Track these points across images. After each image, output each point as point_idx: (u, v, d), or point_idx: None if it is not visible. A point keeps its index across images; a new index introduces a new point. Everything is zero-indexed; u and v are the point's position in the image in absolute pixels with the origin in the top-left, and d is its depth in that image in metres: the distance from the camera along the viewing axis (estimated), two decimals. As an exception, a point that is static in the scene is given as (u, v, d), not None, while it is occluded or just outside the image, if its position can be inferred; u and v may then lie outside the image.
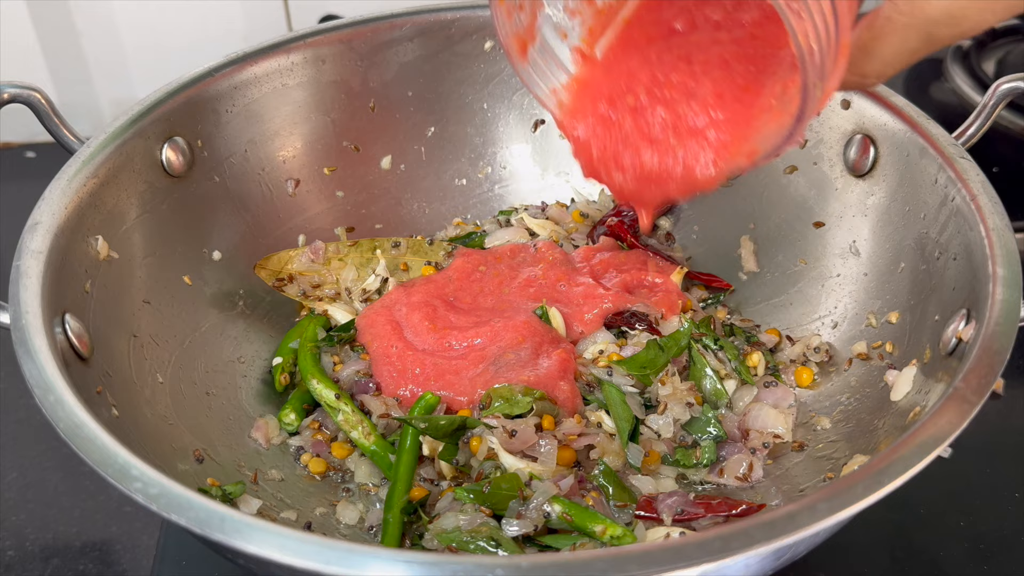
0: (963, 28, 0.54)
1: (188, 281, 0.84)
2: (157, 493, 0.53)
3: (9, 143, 1.29)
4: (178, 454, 0.72)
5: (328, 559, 0.49)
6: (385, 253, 0.94)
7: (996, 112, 0.80)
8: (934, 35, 0.55)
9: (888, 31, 0.56)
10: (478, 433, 0.75)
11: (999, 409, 0.71)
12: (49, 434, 0.58)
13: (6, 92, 0.77)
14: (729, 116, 0.65)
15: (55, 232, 0.70)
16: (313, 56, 0.91)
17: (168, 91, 0.84)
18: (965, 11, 0.53)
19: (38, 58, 1.23)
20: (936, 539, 0.79)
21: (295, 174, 0.94)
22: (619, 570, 0.48)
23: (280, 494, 0.75)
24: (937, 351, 0.71)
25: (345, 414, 0.79)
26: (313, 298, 0.91)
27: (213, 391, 0.81)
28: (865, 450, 0.72)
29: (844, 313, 0.85)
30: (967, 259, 0.70)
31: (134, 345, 0.76)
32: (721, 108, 0.65)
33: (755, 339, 0.86)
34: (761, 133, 0.64)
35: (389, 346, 0.82)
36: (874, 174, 0.84)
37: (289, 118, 0.92)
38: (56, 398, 0.59)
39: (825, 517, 0.51)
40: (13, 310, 0.64)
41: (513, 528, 0.68)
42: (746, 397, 0.82)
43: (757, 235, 0.92)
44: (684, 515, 0.70)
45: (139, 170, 0.81)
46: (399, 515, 0.71)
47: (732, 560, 0.49)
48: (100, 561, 0.80)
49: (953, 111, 1.18)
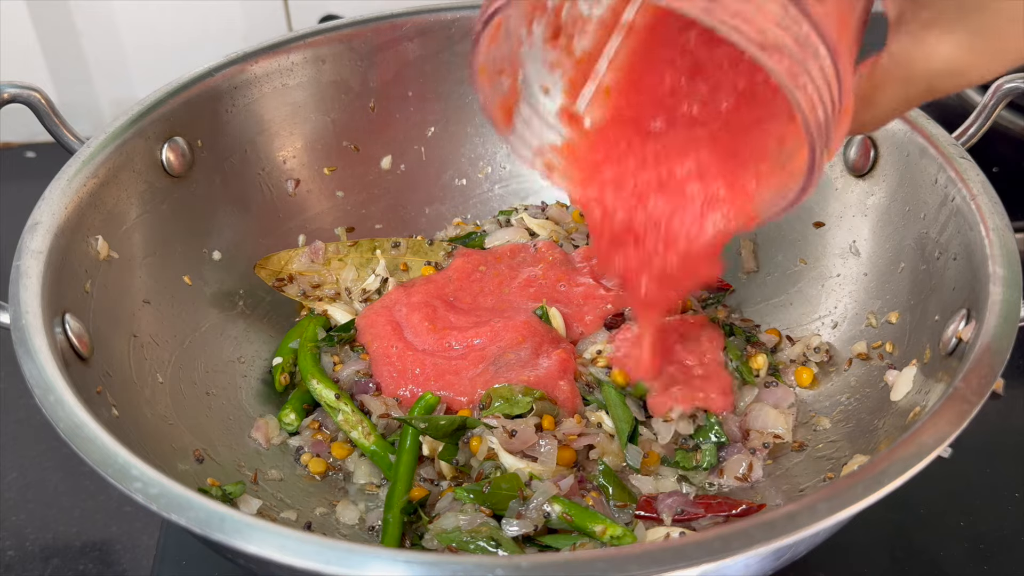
0: (966, 80, 0.52)
1: (188, 281, 0.84)
2: (157, 493, 0.53)
3: (9, 143, 1.29)
4: (178, 454, 0.72)
5: (328, 559, 0.49)
6: (385, 253, 0.94)
7: (996, 112, 0.80)
8: (935, 87, 0.53)
9: (889, 82, 0.54)
10: (478, 433, 0.75)
11: (999, 409, 0.70)
12: (49, 434, 0.58)
13: (6, 92, 0.77)
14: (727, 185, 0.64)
15: (55, 232, 0.70)
16: (313, 56, 0.91)
17: (168, 91, 0.84)
18: (969, 65, 0.51)
19: (38, 58, 1.23)
20: (936, 539, 0.79)
21: (295, 174, 0.94)
22: (619, 570, 0.48)
23: (280, 494, 0.75)
24: (937, 351, 0.71)
25: (345, 414, 0.79)
26: (313, 298, 0.91)
27: (213, 391, 0.81)
28: (865, 450, 0.72)
29: (844, 313, 0.85)
30: (967, 259, 0.70)
31: (134, 345, 0.76)
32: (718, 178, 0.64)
33: (755, 339, 0.86)
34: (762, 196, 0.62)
35: (389, 346, 0.82)
36: (874, 174, 0.84)
37: (289, 118, 0.92)
38: (56, 398, 0.59)
39: (825, 517, 0.51)
40: (13, 310, 0.64)
41: (513, 528, 0.68)
42: (747, 397, 0.82)
43: (757, 235, 0.92)
44: (684, 515, 0.70)
45: (139, 170, 0.81)
46: (399, 515, 0.71)
47: (732, 560, 0.49)
48: (100, 561, 0.80)
49: (953, 111, 1.17)
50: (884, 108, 0.56)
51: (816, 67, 0.50)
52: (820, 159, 0.53)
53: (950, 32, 0.50)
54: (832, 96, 0.52)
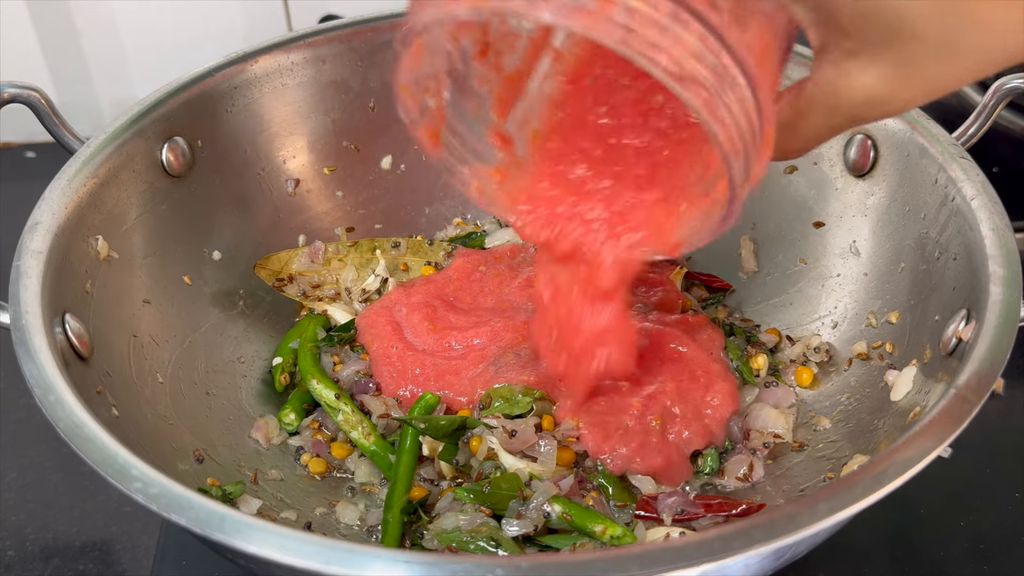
0: (889, 109, 0.53)
1: (188, 281, 0.84)
2: (157, 493, 0.53)
3: (9, 143, 1.29)
4: (178, 454, 0.72)
5: (328, 559, 0.49)
6: (385, 253, 0.94)
7: (996, 112, 0.80)
8: (859, 115, 0.54)
9: (812, 111, 0.55)
10: (478, 433, 0.75)
11: (999, 409, 0.71)
12: (49, 434, 0.58)
13: (6, 92, 0.77)
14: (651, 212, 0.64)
15: (55, 232, 0.70)
16: (313, 56, 0.91)
17: (168, 91, 0.84)
18: (891, 95, 0.51)
19: (38, 58, 1.23)
20: (936, 539, 0.79)
21: (295, 174, 0.94)
22: (619, 570, 0.48)
23: (280, 494, 0.75)
24: (937, 351, 0.71)
25: (345, 414, 0.79)
26: (313, 298, 0.91)
27: (213, 391, 0.81)
28: (865, 450, 0.72)
29: (844, 313, 0.85)
30: (967, 259, 0.70)
31: (134, 345, 0.76)
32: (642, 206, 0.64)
33: (755, 339, 0.86)
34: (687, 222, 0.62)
35: (389, 346, 0.82)
36: (874, 174, 0.84)
37: (289, 118, 0.92)
38: (56, 398, 0.59)
39: (825, 517, 0.51)
40: (13, 310, 0.64)
41: (513, 528, 0.68)
42: (747, 397, 0.82)
43: (757, 235, 0.92)
44: (684, 515, 0.70)
45: (139, 170, 0.81)
46: (399, 515, 0.71)
47: (732, 560, 0.49)
48: (100, 561, 0.80)
49: (953, 111, 1.17)
50: (808, 136, 0.56)
51: (735, 98, 0.50)
52: (740, 189, 0.54)
53: (873, 64, 0.50)
54: (752, 127, 0.51)
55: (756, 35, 0.52)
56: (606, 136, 0.65)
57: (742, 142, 0.51)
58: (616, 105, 0.65)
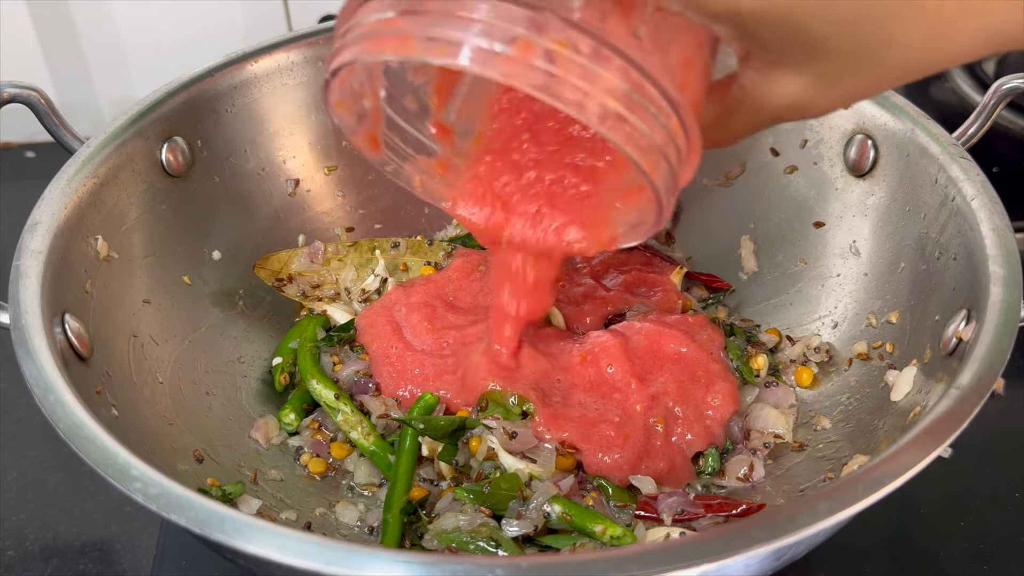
0: (811, 112, 0.55)
1: (188, 281, 0.84)
2: (157, 493, 0.53)
3: (9, 143, 1.29)
4: (178, 454, 0.72)
5: (328, 559, 0.49)
6: (384, 253, 0.94)
7: (996, 112, 0.80)
8: (782, 117, 0.56)
9: (738, 110, 0.57)
10: (477, 433, 0.75)
11: (999, 409, 0.70)
12: (49, 434, 0.58)
13: (6, 92, 0.77)
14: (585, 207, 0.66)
15: (55, 232, 0.70)
16: (313, 56, 0.91)
17: (168, 91, 0.84)
18: (813, 101, 0.54)
19: (38, 58, 1.23)
20: (936, 539, 0.79)
21: (295, 174, 0.94)
22: (619, 570, 0.48)
23: (280, 494, 0.75)
24: (937, 351, 0.71)
25: (344, 414, 0.79)
26: (313, 298, 0.91)
27: (213, 391, 0.81)
28: (865, 450, 0.72)
29: (844, 313, 0.85)
30: (967, 259, 0.70)
31: (134, 345, 0.76)
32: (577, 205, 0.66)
33: (755, 339, 0.86)
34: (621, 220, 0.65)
35: (389, 346, 0.82)
36: (874, 174, 0.84)
37: (289, 118, 0.92)
38: (56, 398, 0.59)
39: (825, 517, 0.51)
40: (13, 310, 0.64)
41: (513, 528, 0.68)
42: (747, 398, 0.82)
43: (757, 235, 0.92)
44: (684, 515, 0.70)
45: (139, 170, 0.81)
46: (399, 515, 0.71)
47: (732, 560, 0.49)
48: (100, 561, 0.80)
49: (953, 111, 1.18)
50: (735, 131, 0.59)
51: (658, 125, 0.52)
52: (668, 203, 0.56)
53: (796, 75, 0.52)
54: (678, 148, 0.53)
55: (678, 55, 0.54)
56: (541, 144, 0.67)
57: (667, 163, 0.53)
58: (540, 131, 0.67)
